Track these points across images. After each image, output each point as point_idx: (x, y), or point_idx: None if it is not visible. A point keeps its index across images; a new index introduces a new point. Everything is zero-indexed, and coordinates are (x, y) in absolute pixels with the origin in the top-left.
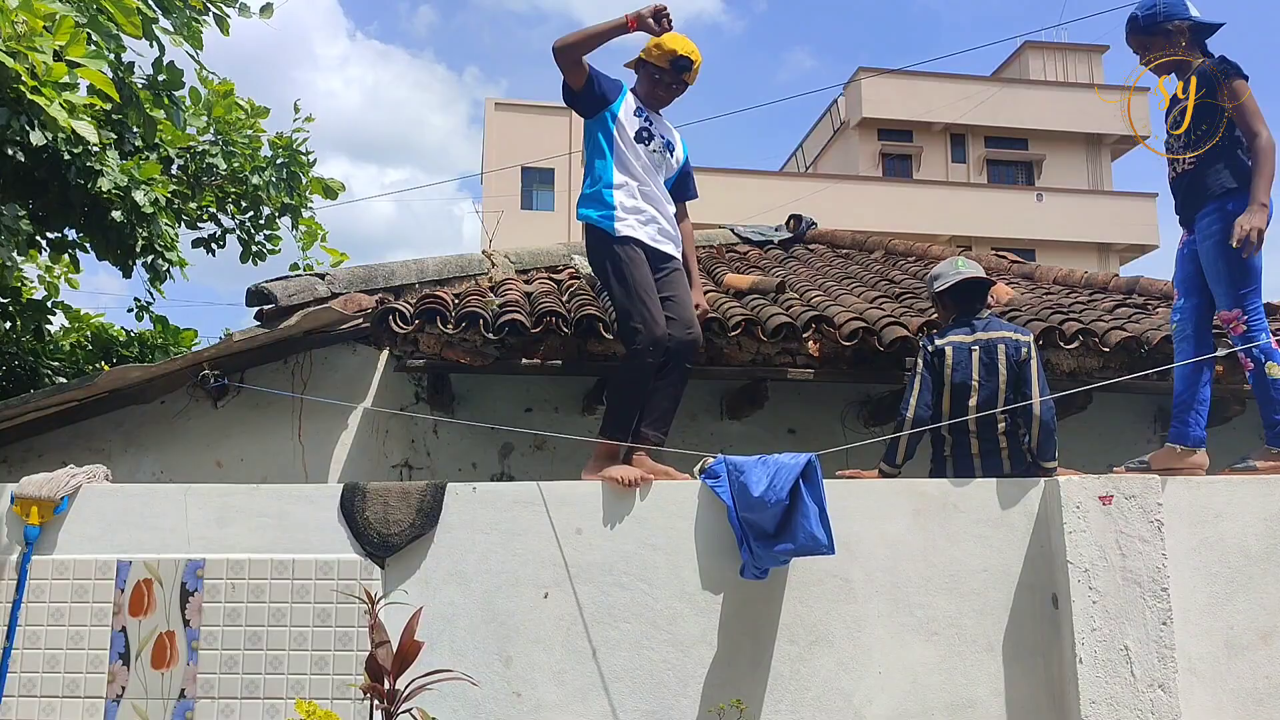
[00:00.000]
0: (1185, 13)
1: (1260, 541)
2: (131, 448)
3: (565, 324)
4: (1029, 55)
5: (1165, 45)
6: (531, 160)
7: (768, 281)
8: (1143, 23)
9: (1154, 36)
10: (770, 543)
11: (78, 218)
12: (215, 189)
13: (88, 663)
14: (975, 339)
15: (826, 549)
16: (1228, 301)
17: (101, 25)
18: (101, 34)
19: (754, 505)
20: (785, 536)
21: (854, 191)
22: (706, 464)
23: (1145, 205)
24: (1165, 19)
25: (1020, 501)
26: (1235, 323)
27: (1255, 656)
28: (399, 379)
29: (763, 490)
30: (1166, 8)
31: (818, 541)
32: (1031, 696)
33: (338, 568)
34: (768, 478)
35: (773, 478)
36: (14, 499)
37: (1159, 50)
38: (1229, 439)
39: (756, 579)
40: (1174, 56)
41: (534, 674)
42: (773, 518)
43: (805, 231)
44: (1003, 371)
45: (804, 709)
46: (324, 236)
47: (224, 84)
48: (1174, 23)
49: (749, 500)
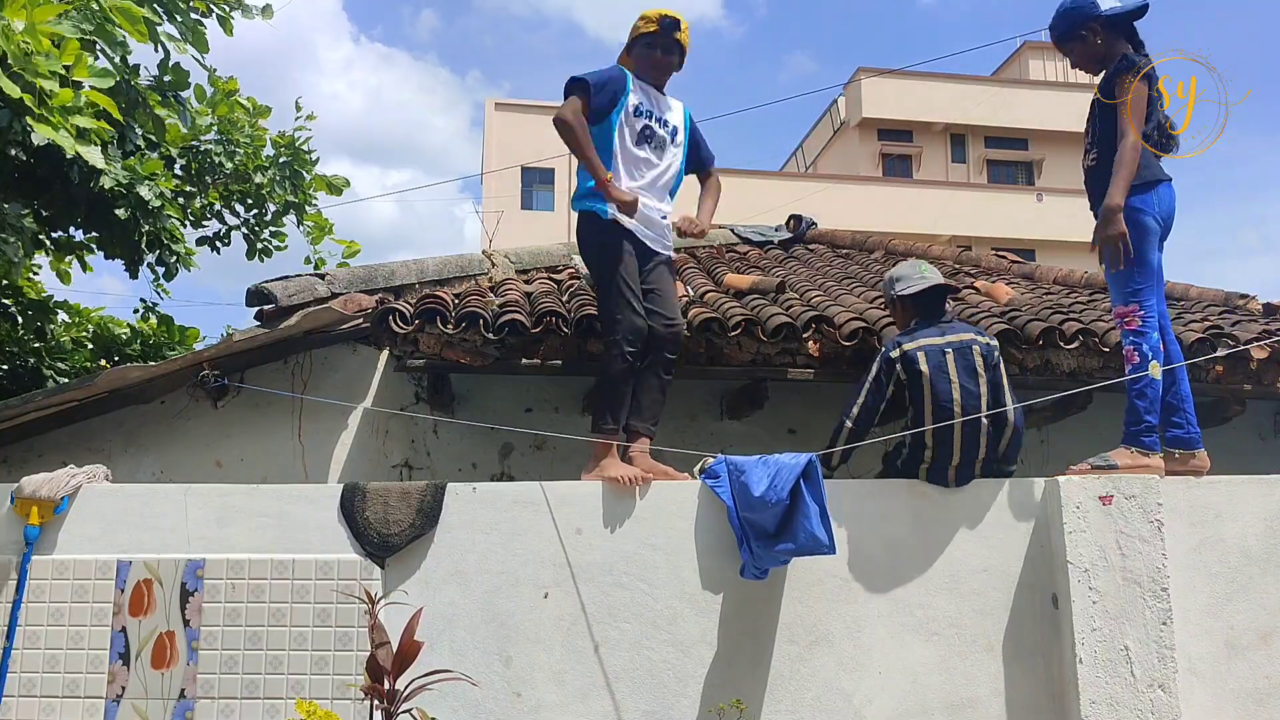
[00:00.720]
0: (1093, 10)
1: (1260, 541)
2: (131, 448)
3: (565, 324)
4: (1029, 55)
5: (1082, 47)
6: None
7: (768, 281)
8: (1055, 36)
9: (1071, 42)
10: (771, 542)
11: (82, 216)
12: (220, 187)
13: (88, 663)
14: (946, 341)
15: (828, 549)
16: (1120, 298)
17: (109, 33)
18: (109, 42)
19: (755, 505)
20: (786, 536)
21: (854, 192)
22: (706, 464)
23: None
24: (1074, 23)
25: (1020, 501)
26: (1130, 317)
27: (1255, 656)
28: (399, 379)
29: (764, 490)
30: (1072, 12)
31: (819, 541)
32: (1031, 696)
33: (338, 568)
34: (768, 478)
35: (773, 478)
36: (14, 499)
37: (1079, 54)
38: (1229, 439)
39: (756, 579)
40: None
41: (534, 674)
42: (774, 517)
43: (805, 231)
44: (982, 374)
45: (804, 709)
46: (331, 229)
47: (229, 82)
48: (1086, 24)
49: (750, 500)
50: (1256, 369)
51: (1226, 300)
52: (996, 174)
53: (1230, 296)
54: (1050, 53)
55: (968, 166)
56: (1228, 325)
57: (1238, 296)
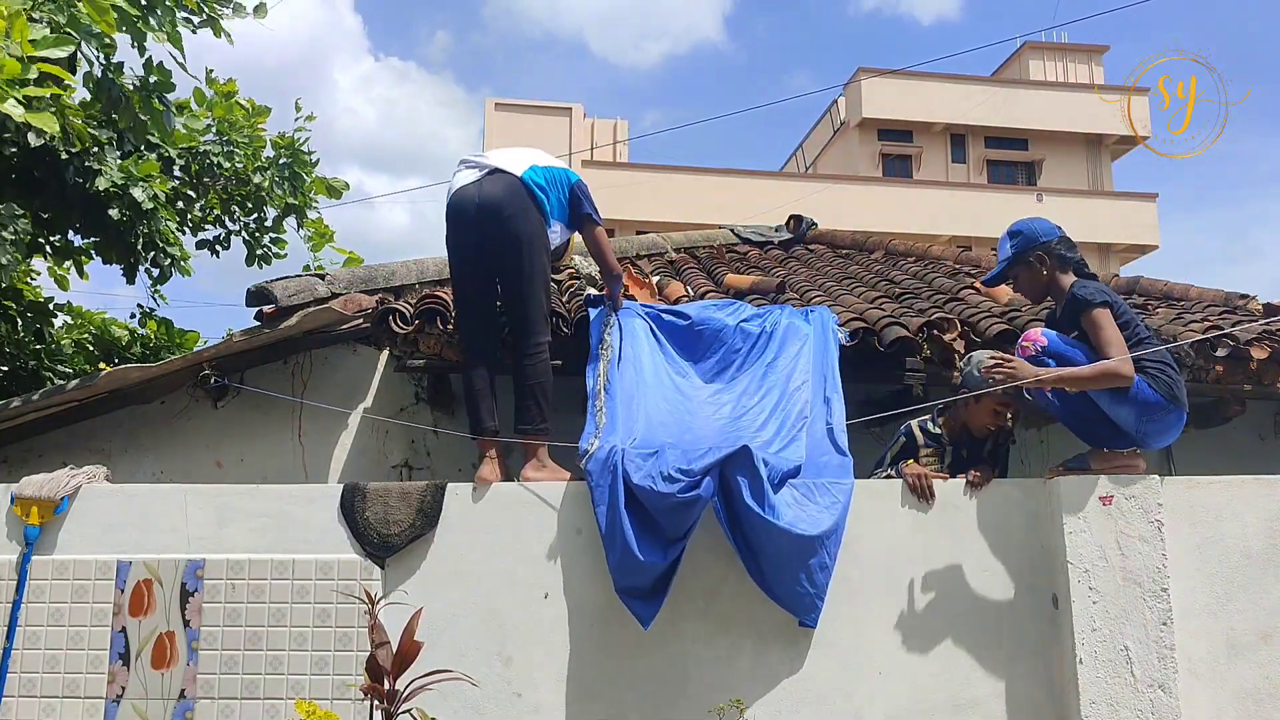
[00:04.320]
0: (1039, 239)
1: (1260, 541)
2: (131, 448)
3: (565, 324)
4: (1029, 56)
5: (1028, 274)
6: None
7: (768, 282)
8: (1007, 260)
9: (1016, 267)
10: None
11: (77, 217)
12: (219, 191)
13: (88, 663)
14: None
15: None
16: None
17: (81, 24)
18: (81, 32)
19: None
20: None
21: (854, 192)
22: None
23: (1145, 206)
24: (1021, 251)
25: (1020, 501)
26: (1032, 346)
27: (1255, 657)
28: (399, 379)
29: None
30: (1022, 241)
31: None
32: (1031, 696)
33: (338, 568)
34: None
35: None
36: (14, 499)
37: (1024, 280)
38: (1229, 439)
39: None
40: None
41: (534, 674)
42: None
43: (805, 232)
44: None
45: (804, 709)
46: (332, 237)
47: (228, 84)
48: (1033, 253)
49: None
50: (1256, 369)
51: (1226, 300)
52: (996, 174)
53: (1230, 296)
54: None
55: (968, 167)
56: (1228, 325)
57: (1238, 296)
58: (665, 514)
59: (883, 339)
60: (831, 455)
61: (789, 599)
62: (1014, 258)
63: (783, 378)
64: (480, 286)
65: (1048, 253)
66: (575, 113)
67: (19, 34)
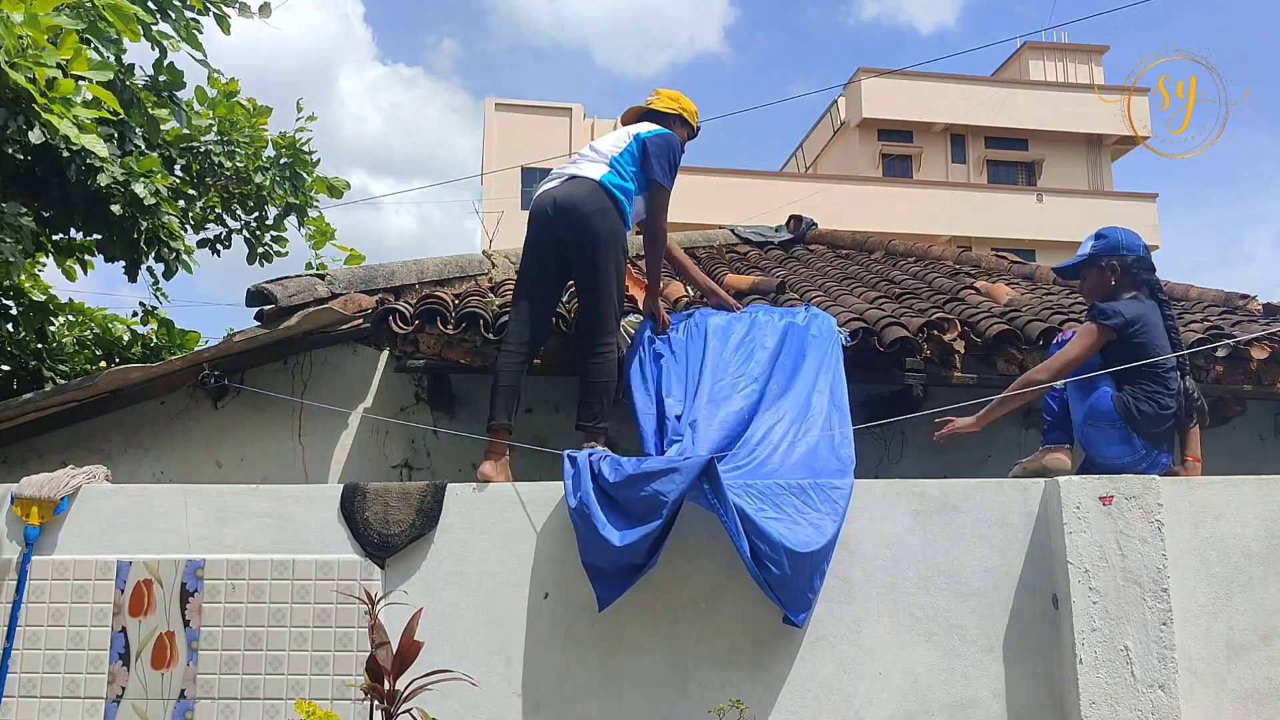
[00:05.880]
0: (1118, 249)
1: (1260, 541)
2: (131, 448)
3: (565, 324)
4: (1029, 56)
5: (1096, 278)
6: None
7: (768, 282)
8: (1082, 259)
9: (1089, 267)
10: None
11: (79, 215)
12: (220, 189)
13: (88, 663)
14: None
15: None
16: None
17: (101, 31)
18: (101, 40)
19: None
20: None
21: (854, 192)
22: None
23: (1145, 206)
24: (1098, 255)
25: (1020, 501)
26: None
27: (1256, 657)
28: (399, 379)
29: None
30: (1103, 246)
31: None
32: (1031, 697)
33: (338, 568)
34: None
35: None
36: (14, 499)
37: (1090, 282)
38: (1229, 439)
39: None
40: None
41: (534, 674)
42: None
43: (805, 232)
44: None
45: (804, 709)
46: (333, 235)
47: (230, 83)
48: (1108, 259)
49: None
50: (1256, 369)
51: (1227, 300)
52: (996, 174)
53: (1230, 296)
54: (1050, 53)
55: (968, 167)
56: (1228, 325)
57: (1238, 296)
58: (628, 502)
59: (883, 339)
60: (833, 462)
61: (790, 603)
62: (1089, 258)
63: (789, 384)
64: (546, 285)
65: (1121, 264)
66: (575, 113)
67: (68, 50)
